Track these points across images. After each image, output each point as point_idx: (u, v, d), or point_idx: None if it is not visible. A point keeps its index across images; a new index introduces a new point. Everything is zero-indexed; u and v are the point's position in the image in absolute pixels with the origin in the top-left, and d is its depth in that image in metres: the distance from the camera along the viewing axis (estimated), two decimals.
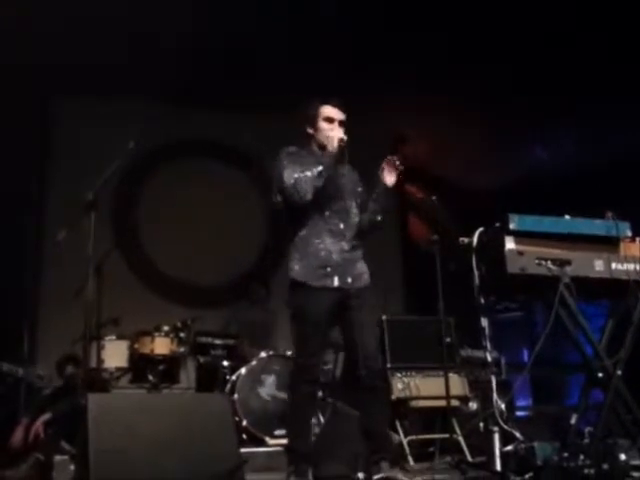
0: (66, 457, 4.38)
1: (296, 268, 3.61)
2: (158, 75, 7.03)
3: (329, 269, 3.58)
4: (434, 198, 3.83)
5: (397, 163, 3.69)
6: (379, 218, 3.78)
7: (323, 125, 3.73)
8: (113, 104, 7.52)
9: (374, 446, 3.56)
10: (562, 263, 3.73)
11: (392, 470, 3.51)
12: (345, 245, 3.66)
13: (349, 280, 3.62)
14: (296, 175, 3.54)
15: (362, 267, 3.72)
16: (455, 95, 7.22)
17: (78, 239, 3.97)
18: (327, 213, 3.66)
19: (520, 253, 3.69)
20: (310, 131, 3.77)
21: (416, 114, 7.94)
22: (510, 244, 3.71)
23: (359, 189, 3.86)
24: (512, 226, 3.71)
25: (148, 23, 6.17)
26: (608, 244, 3.87)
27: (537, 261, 3.70)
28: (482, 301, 3.79)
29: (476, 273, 3.78)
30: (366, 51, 6.65)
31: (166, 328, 5.78)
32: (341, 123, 3.73)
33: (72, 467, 4.15)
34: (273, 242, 8.31)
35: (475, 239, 3.83)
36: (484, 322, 3.81)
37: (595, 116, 7.32)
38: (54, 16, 5.97)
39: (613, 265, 3.84)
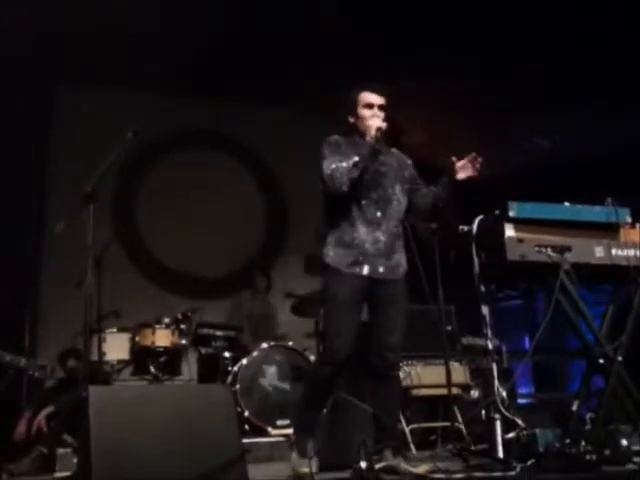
0: (69, 450, 4.39)
1: (331, 254, 3.62)
2: (158, 65, 7.00)
3: (361, 257, 3.57)
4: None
5: (478, 166, 3.64)
6: (440, 205, 3.75)
7: (363, 112, 3.70)
8: (113, 94, 7.51)
9: (380, 434, 3.59)
10: (562, 250, 3.73)
11: (395, 459, 3.52)
12: (381, 235, 3.62)
13: (380, 270, 3.60)
14: (333, 166, 3.54)
15: (399, 259, 3.68)
16: (452, 83, 7.20)
17: (78, 231, 3.96)
18: (364, 202, 3.63)
19: (520, 240, 3.70)
20: (352, 120, 3.75)
21: (412, 104, 7.92)
22: (510, 231, 3.71)
23: (406, 173, 3.81)
24: (512, 213, 3.71)
25: (148, 14, 6.14)
26: (608, 230, 3.87)
27: (537, 248, 3.70)
28: (482, 289, 3.80)
29: (476, 261, 3.78)
30: (363, 45, 6.61)
31: (167, 320, 5.78)
32: (381, 107, 3.71)
33: (75, 460, 4.17)
34: (273, 233, 8.34)
35: (475, 227, 3.83)
36: (485, 310, 3.81)
37: (595, 103, 7.30)
38: (54, 6, 5.93)
39: (613, 251, 3.85)
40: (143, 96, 7.61)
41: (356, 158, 3.51)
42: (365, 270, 3.57)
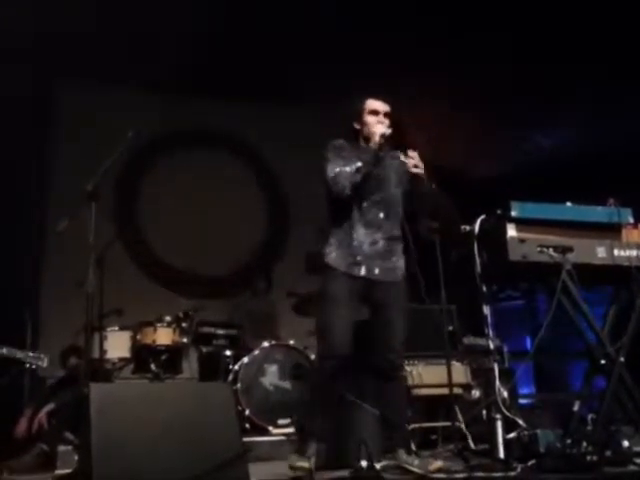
0: (70, 447, 4.39)
1: (332, 255, 3.64)
2: (159, 64, 7.01)
3: (359, 258, 3.60)
4: (433, 186, 3.79)
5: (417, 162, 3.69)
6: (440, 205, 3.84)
7: (369, 119, 3.74)
8: (115, 93, 7.52)
9: (389, 434, 3.62)
10: (564, 250, 3.72)
11: (409, 457, 3.53)
12: (380, 237, 3.65)
13: (376, 272, 3.62)
14: (337, 169, 3.58)
15: (397, 261, 3.70)
16: (453, 82, 7.20)
17: (79, 230, 3.96)
18: (365, 204, 3.66)
19: (522, 240, 3.69)
20: (357, 126, 3.78)
21: (414, 103, 7.92)
22: (512, 231, 3.71)
23: (408, 177, 3.81)
24: (513, 213, 3.71)
25: (150, 11, 6.14)
26: (610, 231, 3.87)
27: (539, 248, 3.70)
28: (484, 289, 3.79)
29: (478, 261, 3.77)
30: (364, 43, 6.62)
31: (168, 318, 5.77)
32: (386, 115, 3.75)
33: (76, 457, 4.17)
34: (274, 232, 8.34)
35: (476, 227, 3.83)
36: (486, 310, 3.81)
37: (596, 101, 7.30)
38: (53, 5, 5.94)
39: (615, 252, 3.84)
40: (145, 95, 7.62)
41: (359, 163, 3.55)
42: (362, 271, 3.60)
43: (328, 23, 6.38)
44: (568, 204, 3.88)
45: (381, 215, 3.68)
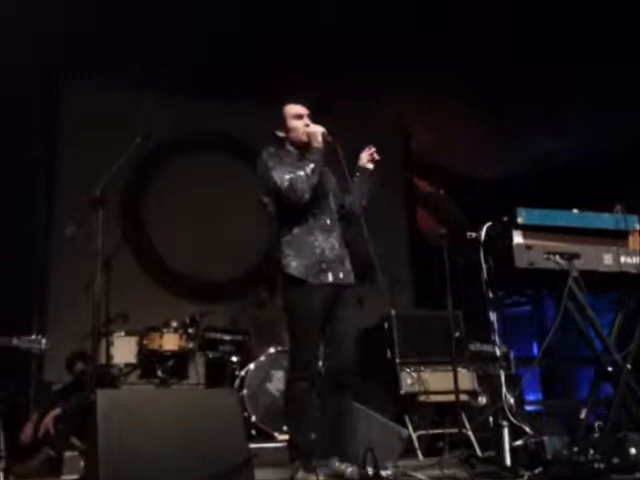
0: (76, 453, 4.40)
1: (293, 265, 3.59)
2: (166, 68, 7.04)
3: (324, 265, 3.58)
4: (442, 192, 3.80)
5: (375, 156, 3.82)
6: (364, 202, 3.81)
7: (294, 123, 3.75)
8: (122, 97, 7.53)
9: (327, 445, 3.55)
10: (571, 257, 3.71)
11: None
12: (335, 242, 3.67)
13: (341, 276, 3.63)
14: (288, 176, 3.54)
15: (349, 265, 3.73)
16: (460, 86, 7.19)
17: (86, 235, 3.97)
18: (316, 210, 3.67)
19: (528, 247, 3.69)
20: (281, 134, 3.79)
21: (421, 107, 7.93)
22: (518, 238, 3.70)
23: (335, 186, 3.87)
24: (520, 220, 3.70)
25: (158, 13, 6.17)
26: (617, 237, 3.86)
27: (545, 255, 3.69)
28: (490, 295, 3.79)
29: (484, 267, 3.77)
30: (367, 46, 6.62)
31: (175, 324, 5.78)
32: (308, 116, 3.77)
33: (82, 463, 4.18)
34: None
35: (483, 233, 3.82)
36: (493, 316, 3.80)
37: (605, 106, 7.28)
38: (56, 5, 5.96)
39: (622, 259, 3.83)
40: (152, 99, 7.61)
41: (312, 165, 3.55)
42: (330, 277, 3.58)
43: (332, 25, 6.37)
44: (575, 211, 3.87)
45: (328, 221, 3.69)
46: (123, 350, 5.58)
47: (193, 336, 5.89)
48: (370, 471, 3.21)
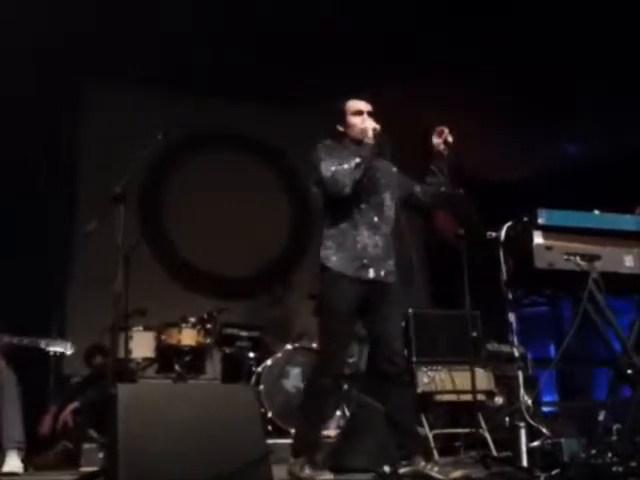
0: (94, 445, 4.44)
1: (334, 259, 3.59)
2: (187, 66, 7.08)
3: (366, 261, 3.58)
4: (461, 191, 3.79)
5: (448, 138, 3.79)
6: (443, 189, 3.82)
7: (353, 119, 3.74)
8: (142, 95, 7.59)
9: (401, 439, 3.56)
10: (591, 258, 3.69)
11: (427, 464, 3.47)
12: (379, 240, 3.64)
13: (382, 274, 3.61)
14: (333, 168, 3.52)
15: (392, 264, 3.70)
16: (481, 88, 7.16)
17: (106, 231, 4.00)
18: (363, 206, 3.65)
19: (548, 248, 3.67)
20: (341, 129, 3.78)
21: (442, 107, 7.89)
22: (538, 239, 3.68)
23: (395, 182, 3.83)
24: (540, 221, 3.68)
25: (178, 14, 6.19)
26: (638, 239, 3.82)
27: (566, 256, 3.67)
28: (509, 296, 3.77)
29: (504, 267, 3.76)
30: (389, 47, 6.61)
31: (192, 319, 5.82)
32: (370, 114, 3.74)
33: (100, 455, 4.22)
34: (296, 234, 8.35)
35: (503, 233, 3.81)
36: (511, 317, 3.79)
37: (625, 108, 7.22)
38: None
39: None
40: (173, 97, 7.67)
41: (357, 159, 3.53)
42: (371, 274, 3.58)
43: (328, 23, 6.38)
44: (596, 212, 3.85)
45: (376, 219, 3.66)
46: (141, 344, 5.63)
47: (211, 332, 5.92)
48: (387, 469, 3.21)
